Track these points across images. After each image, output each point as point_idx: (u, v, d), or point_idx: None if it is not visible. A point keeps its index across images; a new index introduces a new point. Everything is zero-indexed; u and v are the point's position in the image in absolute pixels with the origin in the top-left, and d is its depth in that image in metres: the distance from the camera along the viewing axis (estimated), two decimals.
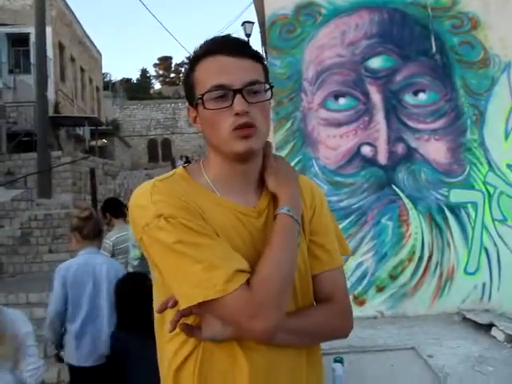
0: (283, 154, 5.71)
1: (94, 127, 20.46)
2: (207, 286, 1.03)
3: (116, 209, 5.02)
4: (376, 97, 5.58)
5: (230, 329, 1.08)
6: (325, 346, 1.32)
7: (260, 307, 1.04)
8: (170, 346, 1.17)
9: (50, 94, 16.81)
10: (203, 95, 1.12)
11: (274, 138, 5.86)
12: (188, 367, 1.13)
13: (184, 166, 1.23)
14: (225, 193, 1.18)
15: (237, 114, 1.10)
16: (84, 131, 20.16)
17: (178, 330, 1.12)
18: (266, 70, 1.20)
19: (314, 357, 1.26)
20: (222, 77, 1.10)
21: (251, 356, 1.11)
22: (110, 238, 4.69)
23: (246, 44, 1.17)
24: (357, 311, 5.29)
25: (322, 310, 1.23)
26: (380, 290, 5.48)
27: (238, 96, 1.09)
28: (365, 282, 5.45)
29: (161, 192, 1.11)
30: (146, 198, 1.10)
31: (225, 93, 1.10)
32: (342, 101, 5.64)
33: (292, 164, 5.76)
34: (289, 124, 5.72)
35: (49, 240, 10.75)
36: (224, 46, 1.12)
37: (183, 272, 1.05)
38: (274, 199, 1.21)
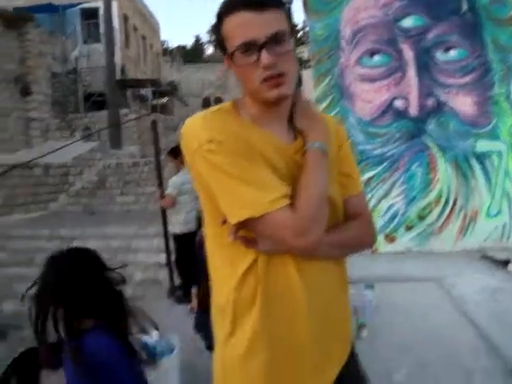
0: (322, 106, 5.56)
1: (155, 88, 20.53)
2: (253, 205, 1.02)
3: (182, 154, 5.06)
4: (408, 54, 5.31)
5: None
6: (358, 274, 1.32)
7: (303, 225, 1.03)
8: (225, 260, 1.16)
9: (117, 60, 16.90)
10: (232, 53, 1.07)
11: (314, 93, 5.72)
12: (249, 281, 1.11)
13: (232, 101, 1.20)
14: (266, 129, 1.15)
15: (264, 67, 1.05)
16: (147, 92, 20.26)
17: (234, 251, 1.12)
18: (287, 13, 1.13)
19: (345, 278, 1.27)
20: (247, 33, 1.04)
21: (303, 268, 1.11)
22: (177, 179, 4.71)
23: None
24: (387, 247, 5.29)
25: (353, 225, 1.22)
26: (409, 228, 5.40)
27: (264, 50, 1.04)
28: (395, 221, 5.38)
29: (212, 120, 1.10)
30: (198, 124, 1.09)
31: (251, 48, 1.05)
32: (376, 58, 5.40)
33: (331, 115, 5.60)
34: (327, 79, 5.55)
35: (120, 184, 11.04)
36: (244, 2, 1.06)
37: (231, 192, 1.04)
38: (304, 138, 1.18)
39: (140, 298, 5.55)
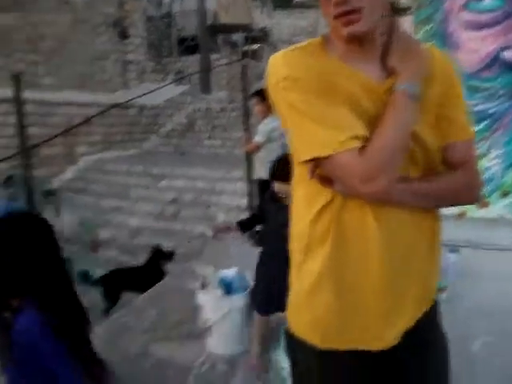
0: None
1: (246, 34, 20.30)
2: (321, 145, 0.99)
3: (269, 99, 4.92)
4: None
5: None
6: (444, 237, 1.21)
7: (368, 171, 0.98)
8: (304, 196, 1.15)
9: (209, 5, 16.79)
10: None
11: None
12: (323, 218, 1.09)
13: (322, 36, 1.14)
14: (354, 67, 1.07)
15: (334, 4, 1.00)
16: (238, 37, 20.11)
17: (311, 188, 1.10)
18: None
19: (436, 232, 1.17)
20: None
21: (379, 212, 1.06)
22: (268, 124, 4.61)
23: None
24: (479, 213, 4.96)
25: (446, 176, 1.12)
26: (505, 195, 4.99)
27: None
28: (491, 185, 4.98)
29: (292, 57, 1.07)
30: (279, 61, 1.07)
31: None
32: (486, 1, 4.85)
33: None
34: (428, 26, 5.11)
35: (208, 128, 11.28)
36: None
37: (303, 130, 1.03)
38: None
39: (220, 239, 5.76)
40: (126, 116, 11.08)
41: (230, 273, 3.05)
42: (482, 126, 4.93)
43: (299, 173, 1.15)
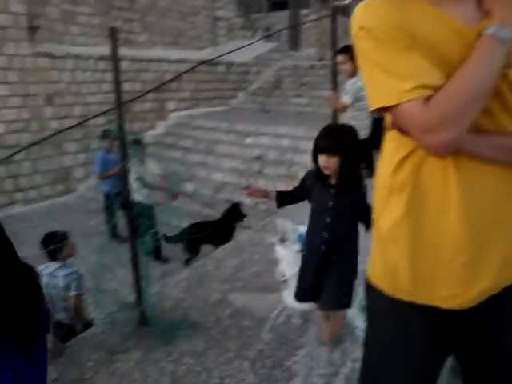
0: None
1: None
2: (388, 94, 0.98)
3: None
4: None
5: None
6: None
7: (430, 121, 0.93)
8: (389, 147, 1.14)
9: None
10: None
11: None
12: (404, 168, 1.07)
13: None
14: (444, 10, 0.99)
15: None
16: None
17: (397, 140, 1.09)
18: None
19: None
20: None
21: (462, 166, 1.01)
22: (355, 83, 4.36)
23: None
24: None
25: None
26: None
27: None
28: None
29: (372, 6, 1.04)
30: (360, 11, 1.05)
31: None
32: None
33: None
34: None
35: (295, 86, 11.13)
36: None
37: (373, 79, 1.03)
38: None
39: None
40: (214, 73, 11.25)
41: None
42: None
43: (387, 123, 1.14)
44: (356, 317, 2.49)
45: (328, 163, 2.04)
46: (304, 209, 2.40)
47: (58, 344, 2.57)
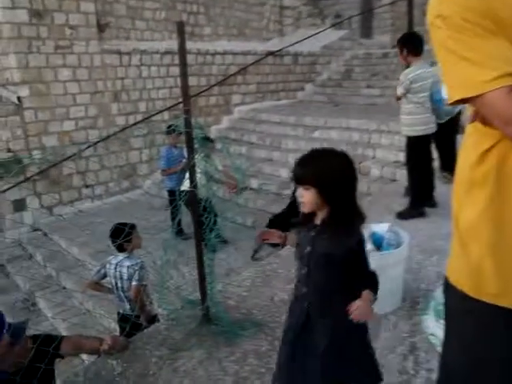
0: None
1: None
2: (467, 85, 0.97)
3: (416, 45, 4.20)
4: None
5: None
6: None
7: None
8: (470, 140, 1.12)
9: None
10: None
11: None
12: (487, 161, 1.05)
13: None
14: None
15: None
16: None
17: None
18: None
19: None
20: None
21: None
22: (408, 74, 4.15)
23: None
24: None
25: None
26: None
27: None
28: None
29: None
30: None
31: None
32: None
33: None
34: None
35: (367, 76, 10.89)
36: None
37: (451, 70, 1.01)
38: None
39: (374, 194, 5.65)
40: (280, 64, 11.27)
41: (381, 228, 3.00)
42: None
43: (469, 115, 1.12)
44: (431, 323, 2.41)
45: (303, 197, 1.63)
46: (382, 209, 2.34)
47: (123, 338, 2.70)
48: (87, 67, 7.95)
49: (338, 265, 1.61)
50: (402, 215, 4.30)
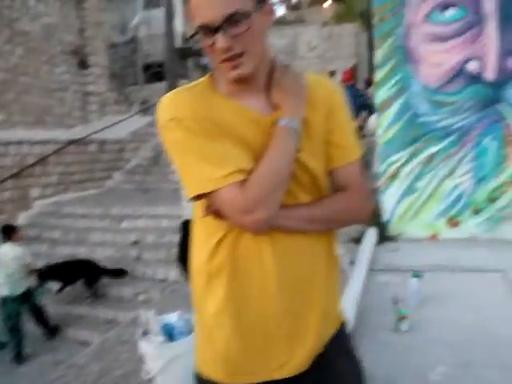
0: (384, 71, 5.41)
1: None
2: (203, 181, 1.12)
3: None
4: (489, 5, 4.99)
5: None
6: (411, 262, 1.36)
7: (247, 203, 1.11)
8: (202, 232, 1.27)
9: (179, 27, 17.25)
10: (194, 34, 1.16)
11: (375, 55, 5.56)
12: (220, 253, 1.21)
13: (209, 75, 1.27)
14: (241, 102, 1.22)
15: (220, 51, 1.12)
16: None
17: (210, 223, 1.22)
18: None
19: (332, 252, 1.32)
20: (204, 14, 1.11)
21: (278, 242, 1.19)
22: None
23: None
24: (450, 233, 5.11)
25: (336, 198, 1.27)
26: (476, 212, 5.14)
27: (219, 33, 1.10)
28: (460, 204, 5.15)
29: (178, 98, 1.20)
30: (166, 102, 1.20)
31: (208, 31, 1.12)
32: (449, 12, 5.14)
33: (392, 82, 5.46)
34: (390, 40, 5.36)
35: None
36: None
37: (187, 168, 1.16)
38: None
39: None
40: (85, 153, 11.25)
41: (172, 317, 3.11)
42: (446, 142, 5.13)
43: (197, 208, 1.28)
44: None
45: None
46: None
47: None
48: None
49: None
50: None
